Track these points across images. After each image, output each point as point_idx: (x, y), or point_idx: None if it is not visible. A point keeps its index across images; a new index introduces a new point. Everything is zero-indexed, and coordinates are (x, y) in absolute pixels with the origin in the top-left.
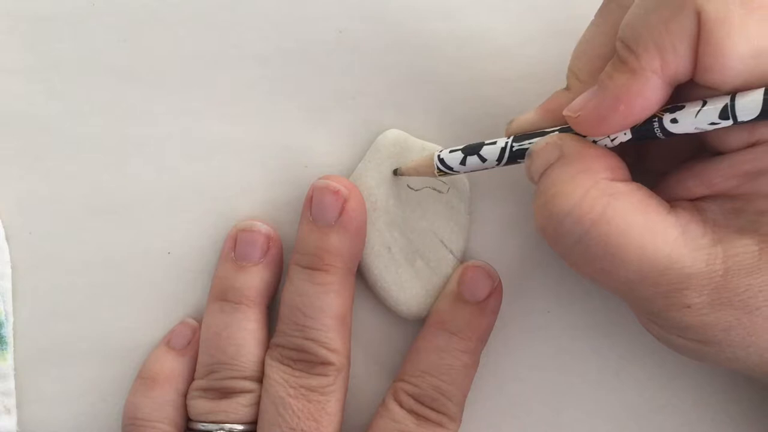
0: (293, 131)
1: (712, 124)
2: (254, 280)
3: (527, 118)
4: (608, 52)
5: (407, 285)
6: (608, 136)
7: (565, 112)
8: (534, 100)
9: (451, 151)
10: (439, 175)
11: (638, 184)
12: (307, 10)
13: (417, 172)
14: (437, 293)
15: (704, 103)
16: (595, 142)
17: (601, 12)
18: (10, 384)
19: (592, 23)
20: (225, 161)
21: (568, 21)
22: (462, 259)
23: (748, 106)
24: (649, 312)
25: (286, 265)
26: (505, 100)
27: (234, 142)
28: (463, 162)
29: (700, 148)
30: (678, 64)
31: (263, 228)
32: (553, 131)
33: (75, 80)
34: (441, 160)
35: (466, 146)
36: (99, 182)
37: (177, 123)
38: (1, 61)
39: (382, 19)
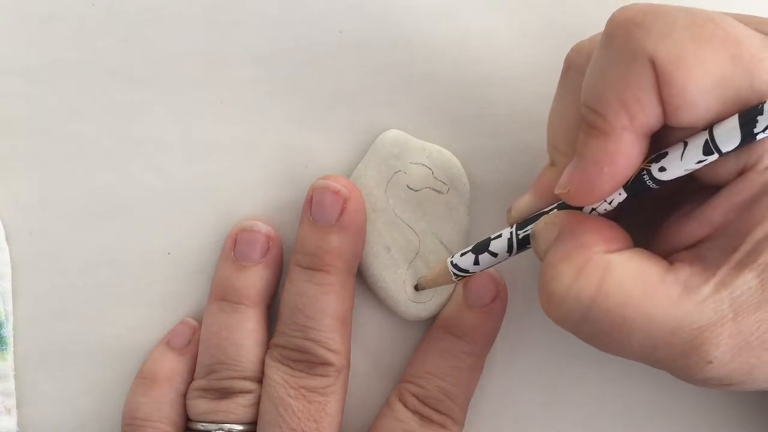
0: (293, 131)
1: (699, 162)
2: (254, 280)
3: (524, 201)
4: (579, 120)
5: (407, 285)
6: (605, 200)
7: (556, 191)
8: (534, 100)
9: (462, 255)
10: (457, 279)
11: (635, 249)
12: (307, 10)
13: (436, 282)
14: (436, 294)
15: (686, 144)
16: (594, 209)
17: (562, 81)
18: (10, 384)
19: (556, 95)
20: (225, 161)
21: (568, 21)
22: None
23: (727, 135)
24: (674, 372)
25: (286, 266)
26: (505, 100)
27: (234, 142)
28: (476, 262)
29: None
30: (646, 114)
31: (263, 228)
32: (552, 209)
33: (75, 80)
34: (455, 266)
35: (474, 246)
36: (99, 182)
37: (177, 123)
38: (1, 61)
39: (383, 19)
